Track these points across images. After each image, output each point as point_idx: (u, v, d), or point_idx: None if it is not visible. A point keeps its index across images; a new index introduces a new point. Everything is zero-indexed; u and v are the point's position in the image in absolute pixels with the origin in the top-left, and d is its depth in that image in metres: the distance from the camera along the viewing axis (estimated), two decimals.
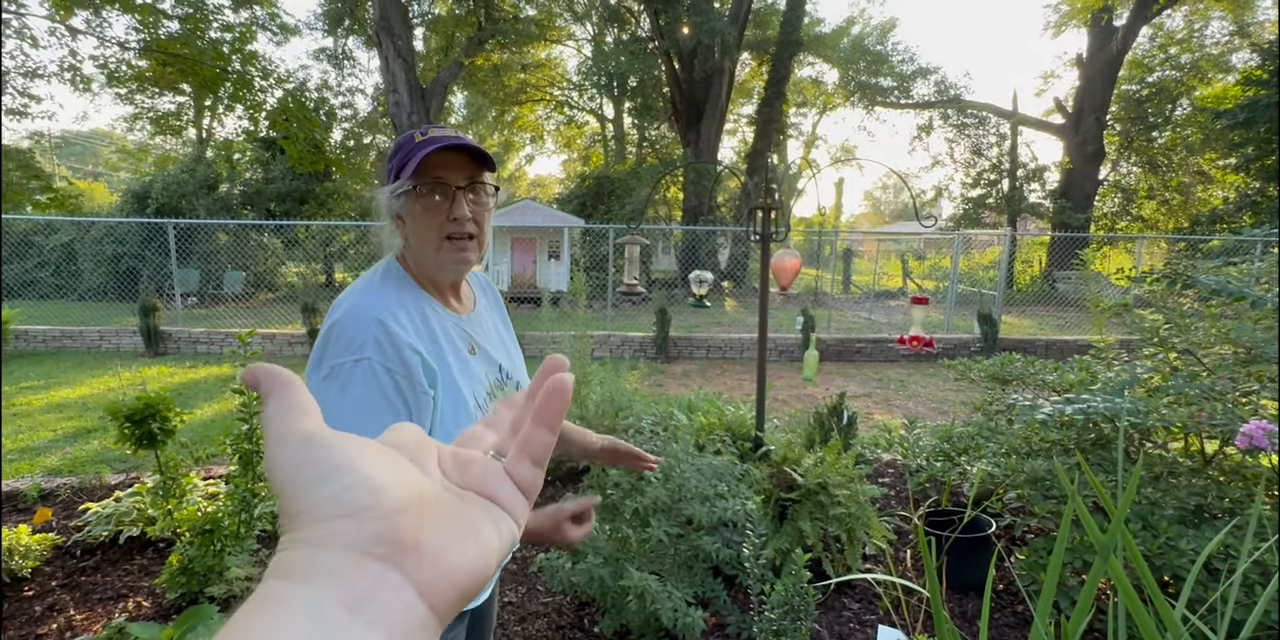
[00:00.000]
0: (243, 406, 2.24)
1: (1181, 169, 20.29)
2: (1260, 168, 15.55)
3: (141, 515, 2.62)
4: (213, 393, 5.83)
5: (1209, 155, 18.92)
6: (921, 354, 2.99)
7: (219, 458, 3.69)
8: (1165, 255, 16.09)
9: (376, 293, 0.96)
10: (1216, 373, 2.14)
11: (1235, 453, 2.33)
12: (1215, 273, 1.92)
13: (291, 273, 14.19)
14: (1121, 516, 1.26)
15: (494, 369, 1.08)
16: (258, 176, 15.50)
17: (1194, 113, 18.79)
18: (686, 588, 1.96)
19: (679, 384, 6.48)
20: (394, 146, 1.00)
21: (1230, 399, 2.00)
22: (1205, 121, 17.28)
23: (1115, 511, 1.35)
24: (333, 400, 0.88)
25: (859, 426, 3.11)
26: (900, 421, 5.21)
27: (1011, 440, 2.53)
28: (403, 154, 0.97)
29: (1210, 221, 16.90)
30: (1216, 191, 19.93)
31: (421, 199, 0.96)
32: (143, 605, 2.20)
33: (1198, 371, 2.10)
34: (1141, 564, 1.24)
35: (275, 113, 4.22)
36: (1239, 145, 15.74)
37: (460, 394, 0.96)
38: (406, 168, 0.93)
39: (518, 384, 1.12)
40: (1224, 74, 19.35)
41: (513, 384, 1.11)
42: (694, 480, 2.04)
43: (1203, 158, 19.36)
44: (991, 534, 2.42)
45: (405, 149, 0.97)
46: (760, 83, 20.82)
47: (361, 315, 0.90)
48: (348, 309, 0.92)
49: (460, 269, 1.02)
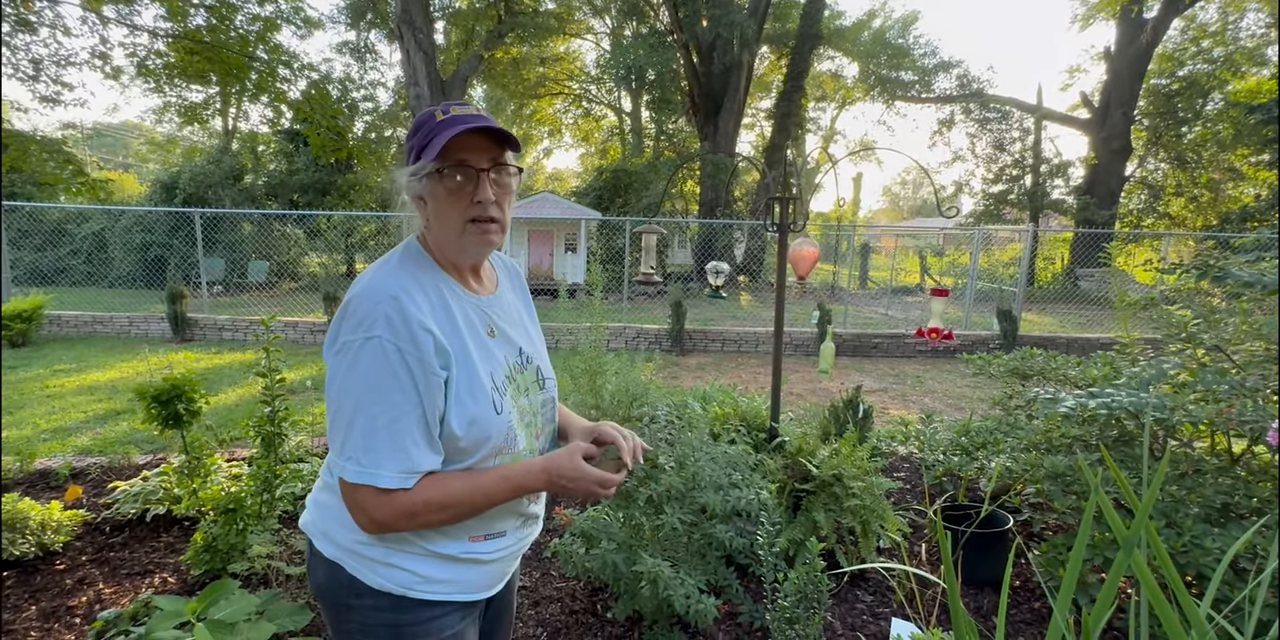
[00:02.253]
0: (266, 390, 2.28)
1: (1211, 165, 19.76)
2: None
3: (168, 494, 2.68)
4: (237, 378, 5.95)
5: (1241, 151, 18.40)
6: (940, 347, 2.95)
7: (242, 441, 3.77)
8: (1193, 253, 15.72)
9: (394, 272, 0.96)
10: (1246, 369, 2.10)
11: (1265, 451, 2.29)
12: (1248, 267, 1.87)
13: (314, 262, 14.38)
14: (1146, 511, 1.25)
15: (514, 351, 1.06)
16: (282, 168, 15.72)
17: (1226, 108, 18.26)
18: (699, 576, 1.97)
19: (694, 376, 6.48)
20: (414, 125, 0.99)
21: (1260, 396, 1.96)
22: (1238, 116, 16.81)
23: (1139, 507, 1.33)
24: (341, 375, 0.89)
25: (874, 421, 3.10)
26: (917, 416, 5.17)
27: (1030, 435, 2.50)
28: (424, 133, 0.95)
29: (1241, 219, 16.46)
30: (1248, 188, 19.39)
31: (444, 182, 0.95)
32: (168, 581, 2.26)
33: (1226, 368, 2.05)
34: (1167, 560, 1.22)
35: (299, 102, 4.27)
36: (1273, 140, 15.29)
37: (476, 374, 0.96)
38: (429, 148, 0.92)
39: (538, 369, 1.11)
40: (1259, 67, 18.78)
41: (533, 368, 1.10)
42: (708, 469, 2.04)
43: (1234, 154, 18.84)
44: (1009, 529, 2.40)
45: (426, 128, 0.95)
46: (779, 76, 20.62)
47: (376, 293, 0.90)
48: (364, 287, 0.93)
49: (483, 252, 1.02)
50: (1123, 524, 1.27)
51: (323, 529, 1.00)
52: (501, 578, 1.08)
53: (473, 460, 0.97)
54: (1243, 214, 16.67)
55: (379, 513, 0.89)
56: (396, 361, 0.87)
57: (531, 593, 2.33)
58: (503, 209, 1.00)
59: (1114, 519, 1.31)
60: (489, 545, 1.02)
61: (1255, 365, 2.13)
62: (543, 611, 2.22)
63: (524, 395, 1.06)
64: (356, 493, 0.88)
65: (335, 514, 0.97)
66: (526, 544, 1.12)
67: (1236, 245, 12.13)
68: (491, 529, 1.02)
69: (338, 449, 0.90)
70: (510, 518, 1.05)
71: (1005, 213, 19.19)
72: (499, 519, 1.03)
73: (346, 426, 0.88)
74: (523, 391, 1.06)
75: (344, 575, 0.97)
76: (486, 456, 0.98)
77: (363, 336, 0.87)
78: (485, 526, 1.01)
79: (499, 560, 1.05)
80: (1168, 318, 2.45)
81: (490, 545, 1.02)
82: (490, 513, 1.00)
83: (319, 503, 1.03)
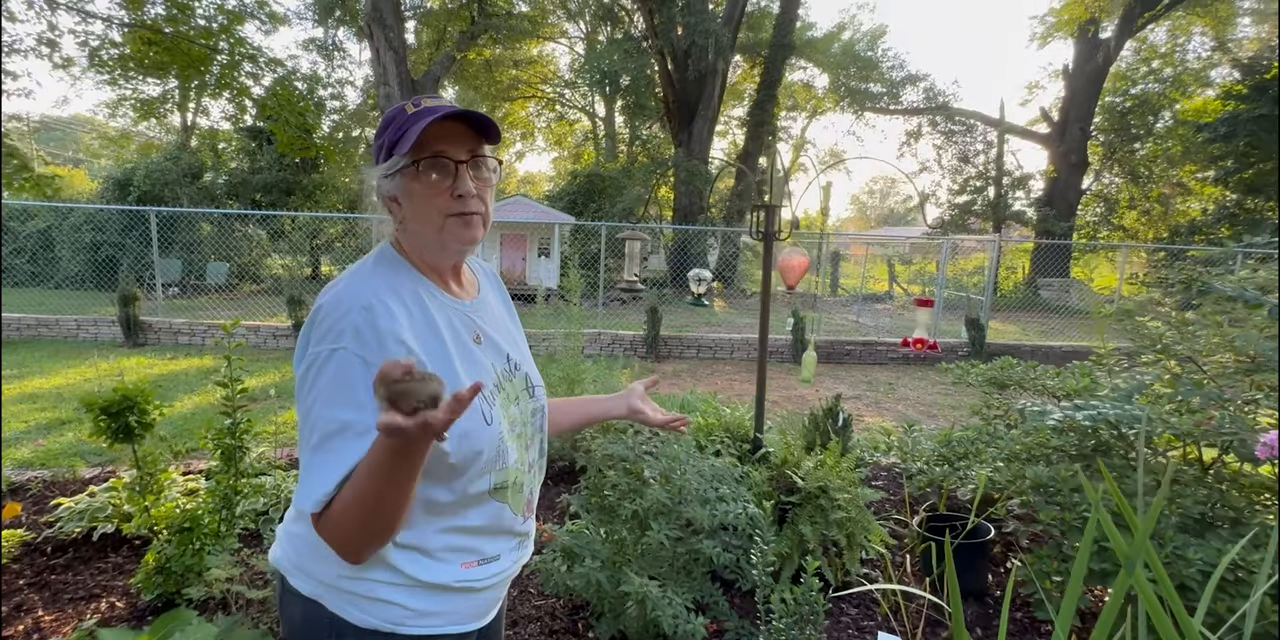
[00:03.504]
0: (226, 400, 2.15)
1: (1162, 180, 20.65)
2: (1239, 181, 15.85)
3: (117, 511, 2.51)
4: (193, 385, 5.69)
5: (1188, 167, 19.27)
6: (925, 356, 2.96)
7: (199, 453, 3.58)
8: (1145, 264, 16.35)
9: (367, 279, 0.89)
10: (1218, 381, 2.13)
11: (1234, 461, 2.33)
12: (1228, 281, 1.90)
13: (277, 265, 13.95)
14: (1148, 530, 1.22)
15: (501, 358, 1.00)
16: (243, 166, 15.25)
17: (1175, 125, 19.13)
18: (686, 593, 1.91)
19: (670, 383, 6.44)
20: (383, 120, 0.92)
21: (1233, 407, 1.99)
22: (1186, 134, 17.60)
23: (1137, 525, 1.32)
24: (305, 389, 0.82)
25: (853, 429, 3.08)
26: (891, 424, 5.21)
27: (1011, 445, 2.51)
28: (395, 128, 0.88)
29: (1189, 232, 17.20)
30: (1194, 203, 20.29)
31: (420, 177, 0.88)
32: (116, 606, 2.11)
33: (1200, 379, 2.09)
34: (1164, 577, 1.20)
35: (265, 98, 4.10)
36: (1219, 158, 16.03)
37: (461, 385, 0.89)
38: (401, 143, 0.86)
39: (526, 376, 1.05)
40: (1205, 88, 19.73)
41: (521, 375, 1.04)
42: (695, 482, 1.99)
43: (1182, 170, 19.71)
44: (990, 540, 2.40)
45: (397, 122, 0.89)
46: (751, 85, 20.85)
47: (346, 302, 0.83)
48: (334, 295, 0.85)
49: (466, 249, 0.95)
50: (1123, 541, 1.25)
51: (297, 563, 0.92)
52: (494, 605, 1.01)
53: (463, 479, 0.89)
54: (1191, 227, 17.42)
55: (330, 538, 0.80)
56: (359, 376, 0.79)
57: (509, 612, 2.23)
58: (484, 202, 0.93)
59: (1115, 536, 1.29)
60: (482, 571, 0.94)
61: (1227, 377, 2.17)
62: (521, 631, 2.13)
63: (514, 404, 0.99)
64: (315, 521, 0.80)
65: (311, 545, 0.88)
66: (519, 567, 1.04)
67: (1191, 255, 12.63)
68: (485, 553, 0.95)
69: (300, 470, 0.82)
70: (504, 538, 0.98)
71: (970, 223, 19.71)
72: (492, 541, 0.96)
73: (303, 443, 0.82)
74: (512, 400, 0.99)
75: (324, 614, 0.89)
76: (477, 473, 0.91)
77: (329, 348, 0.80)
78: (478, 551, 0.94)
79: (493, 587, 0.97)
80: (1139, 329, 2.49)
81: (484, 571, 0.95)
82: (483, 531, 0.93)
83: (292, 534, 0.94)
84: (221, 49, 4.44)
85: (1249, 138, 14.66)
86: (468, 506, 0.91)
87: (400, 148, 0.85)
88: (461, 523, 0.91)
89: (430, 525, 0.89)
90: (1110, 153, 20.52)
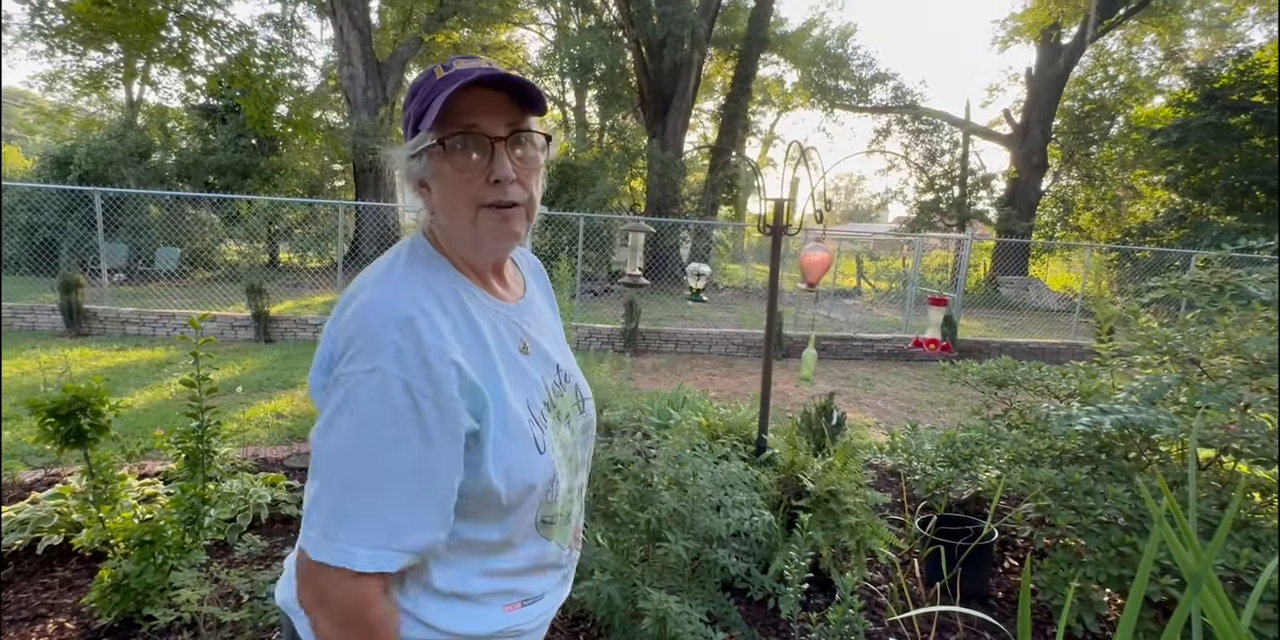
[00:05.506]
0: (193, 401, 1.95)
1: (1115, 183, 21.44)
2: (1187, 185, 16.54)
3: (64, 520, 2.28)
4: (145, 378, 5.33)
5: (1140, 171, 20.03)
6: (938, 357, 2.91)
7: (154, 452, 3.32)
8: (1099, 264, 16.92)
9: (402, 282, 0.73)
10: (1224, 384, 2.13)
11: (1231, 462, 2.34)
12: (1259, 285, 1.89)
13: (232, 251, 13.30)
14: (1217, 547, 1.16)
15: (551, 370, 0.86)
16: (195, 147, 14.44)
17: (1129, 131, 19.85)
18: (700, 605, 1.80)
19: (650, 378, 6.34)
20: (411, 87, 0.76)
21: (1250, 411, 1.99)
22: (1140, 139, 18.27)
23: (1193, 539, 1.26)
24: (328, 416, 0.67)
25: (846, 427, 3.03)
26: (873, 420, 5.21)
27: (1015, 447, 2.48)
28: (421, 97, 0.72)
29: (1141, 234, 17.90)
30: (1143, 206, 21.13)
31: (450, 157, 0.73)
32: (67, 628, 1.90)
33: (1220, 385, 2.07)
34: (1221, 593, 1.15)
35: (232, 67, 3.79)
36: (1169, 163, 16.69)
37: (512, 410, 0.75)
38: (427, 116, 0.70)
39: (576, 387, 0.91)
40: (1156, 95, 20.55)
41: (571, 388, 0.90)
42: (708, 489, 1.88)
43: (1134, 173, 20.49)
44: (993, 542, 2.36)
45: (425, 90, 0.72)
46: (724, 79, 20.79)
47: (380, 313, 0.68)
48: (364, 304, 0.70)
49: (504, 246, 0.80)
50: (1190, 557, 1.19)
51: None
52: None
53: (512, 519, 0.76)
54: (1142, 229, 18.13)
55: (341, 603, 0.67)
56: (403, 404, 0.66)
57: None
58: (528, 190, 0.77)
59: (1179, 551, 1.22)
60: (526, 613, 0.82)
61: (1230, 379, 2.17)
62: None
63: (564, 424, 0.86)
64: (318, 574, 0.66)
65: None
66: (557, 607, 0.91)
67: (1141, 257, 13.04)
68: (530, 593, 0.82)
69: (306, 512, 0.67)
70: (550, 575, 0.86)
71: (935, 221, 20.12)
72: (538, 578, 0.84)
73: (322, 485, 0.67)
74: (564, 420, 0.86)
75: None
76: (528, 509, 0.78)
77: (363, 369, 0.66)
78: (522, 591, 0.81)
79: (536, 629, 0.85)
80: (1144, 331, 2.49)
81: (528, 612, 0.82)
82: (528, 571, 0.81)
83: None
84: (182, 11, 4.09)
85: (1198, 144, 15.29)
86: (515, 547, 0.79)
87: (425, 122, 0.71)
88: (508, 564, 0.79)
89: (472, 567, 0.76)
90: (1069, 155, 21.19)
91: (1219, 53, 18.16)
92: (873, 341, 8.25)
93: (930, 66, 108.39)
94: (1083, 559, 2.00)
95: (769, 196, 2.39)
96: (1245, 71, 15.26)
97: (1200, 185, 16.10)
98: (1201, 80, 15.88)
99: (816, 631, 1.37)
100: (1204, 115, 14.99)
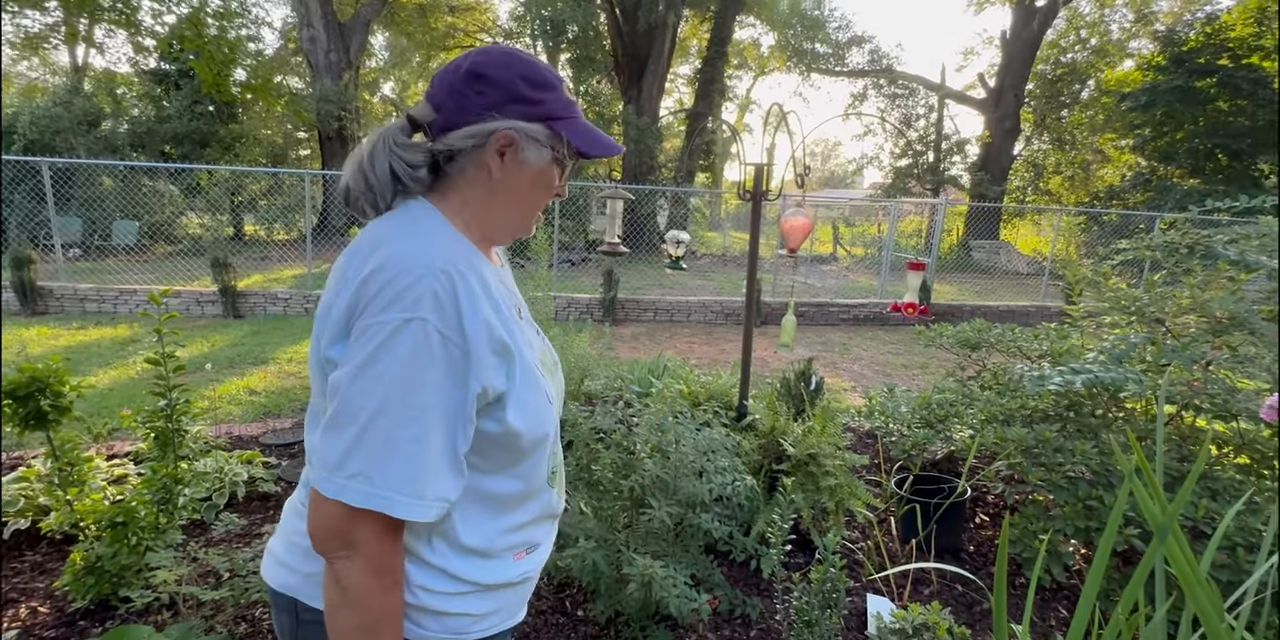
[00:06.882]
0: (159, 379, 1.88)
1: (1084, 147, 21.65)
2: (1154, 148, 16.77)
3: (30, 504, 2.22)
4: (109, 357, 5.17)
5: (1108, 135, 20.23)
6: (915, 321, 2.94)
7: (122, 432, 3.24)
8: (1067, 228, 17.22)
9: (431, 236, 0.75)
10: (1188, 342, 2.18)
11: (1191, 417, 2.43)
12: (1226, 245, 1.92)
13: (194, 224, 12.81)
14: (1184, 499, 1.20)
15: (533, 331, 0.90)
16: (148, 114, 13.76)
17: (1099, 94, 19.95)
18: (683, 569, 1.83)
19: (629, 347, 6.34)
20: (544, 76, 0.78)
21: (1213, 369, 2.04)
22: (1109, 103, 18.39)
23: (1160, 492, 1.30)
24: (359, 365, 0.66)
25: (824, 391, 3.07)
26: (849, 383, 5.30)
27: (988, 407, 2.53)
28: (562, 106, 0.79)
29: (1108, 197, 18.20)
30: (1111, 170, 21.43)
31: (560, 171, 0.83)
32: (40, 613, 1.86)
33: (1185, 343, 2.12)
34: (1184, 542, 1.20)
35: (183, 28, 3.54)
36: (1137, 126, 16.86)
37: (530, 368, 0.78)
38: (590, 140, 0.80)
39: (550, 348, 0.97)
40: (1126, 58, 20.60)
41: (549, 348, 0.95)
42: (690, 456, 1.90)
43: (1102, 138, 20.70)
44: (966, 500, 2.43)
45: (563, 101, 0.79)
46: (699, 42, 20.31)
47: (418, 263, 0.68)
48: (396, 254, 0.69)
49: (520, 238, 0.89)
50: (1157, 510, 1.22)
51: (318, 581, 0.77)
52: (530, 592, 0.94)
53: (527, 464, 0.80)
54: (1109, 193, 18.42)
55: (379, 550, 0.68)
56: (440, 355, 0.67)
57: None
58: None
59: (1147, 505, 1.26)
60: (531, 560, 0.87)
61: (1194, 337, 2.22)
62: None
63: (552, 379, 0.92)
64: (357, 520, 0.67)
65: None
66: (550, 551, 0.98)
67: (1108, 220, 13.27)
68: (532, 541, 0.87)
69: (336, 461, 0.66)
70: (547, 523, 0.91)
71: (910, 186, 20.19)
72: (537, 527, 0.88)
73: (360, 431, 0.66)
74: (551, 374, 0.91)
75: None
76: (541, 458, 0.83)
77: (400, 317, 0.65)
78: (526, 540, 0.86)
79: (537, 574, 0.91)
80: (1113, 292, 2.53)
81: (532, 560, 0.88)
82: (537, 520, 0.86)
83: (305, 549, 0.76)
84: None
85: (1165, 108, 15.44)
86: (531, 498, 0.83)
87: (585, 143, 0.80)
88: (526, 517, 0.84)
89: (496, 525, 0.80)
90: (1041, 120, 21.29)
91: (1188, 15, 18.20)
92: (849, 307, 8.34)
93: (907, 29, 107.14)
94: (1051, 513, 2.07)
95: (748, 162, 2.34)
96: (1213, 34, 15.35)
97: (1166, 148, 16.34)
98: (1170, 43, 15.96)
99: (798, 590, 1.40)
100: (1172, 79, 15.10)
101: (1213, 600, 1.12)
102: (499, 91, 0.75)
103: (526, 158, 0.78)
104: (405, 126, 0.78)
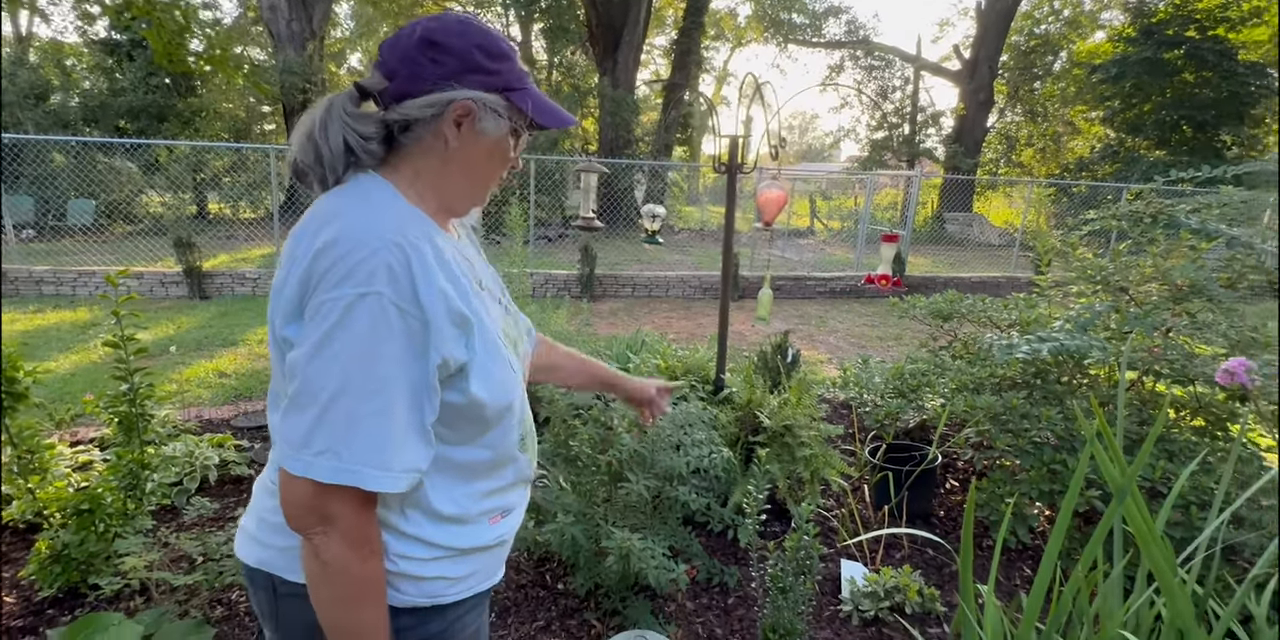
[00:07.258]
0: (120, 363, 1.83)
1: (1056, 119, 21.83)
2: (1123, 120, 16.97)
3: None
4: (69, 342, 5.02)
5: (1079, 107, 20.40)
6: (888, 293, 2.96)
7: (86, 418, 3.16)
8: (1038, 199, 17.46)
9: (381, 208, 0.73)
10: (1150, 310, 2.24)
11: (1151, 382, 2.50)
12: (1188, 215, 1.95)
13: (155, 202, 12.35)
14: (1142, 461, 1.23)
15: (495, 302, 0.88)
16: (100, 87, 13.12)
17: (1070, 66, 20.05)
18: (662, 541, 1.86)
19: (608, 323, 6.33)
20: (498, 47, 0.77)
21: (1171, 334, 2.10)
22: (1080, 75, 18.50)
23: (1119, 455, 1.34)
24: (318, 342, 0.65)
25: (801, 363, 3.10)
26: (825, 355, 5.37)
27: (959, 376, 2.58)
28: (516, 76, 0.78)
29: (1078, 169, 18.45)
30: (1080, 142, 21.67)
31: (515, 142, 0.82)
32: (5, 602, 1.83)
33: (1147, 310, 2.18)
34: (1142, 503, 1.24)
35: None
36: (1107, 98, 17.01)
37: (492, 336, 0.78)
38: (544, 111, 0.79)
39: (518, 318, 0.96)
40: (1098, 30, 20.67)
41: (514, 314, 0.95)
42: (667, 429, 1.91)
43: (1073, 109, 20.87)
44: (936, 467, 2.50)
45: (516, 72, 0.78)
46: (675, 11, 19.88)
47: (368, 238, 0.67)
48: (347, 228, 0.68)
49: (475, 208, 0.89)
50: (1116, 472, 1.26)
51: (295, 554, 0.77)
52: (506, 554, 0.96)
53: (494, 433, 0.81)
54: (1079, 165, 18.66)
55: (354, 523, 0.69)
56: (399, 328, 0.66)
57: None
58: None
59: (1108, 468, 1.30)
60: (506, 524, 0.88)
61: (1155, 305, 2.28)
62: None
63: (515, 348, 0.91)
64: (327, 496, 0.67)
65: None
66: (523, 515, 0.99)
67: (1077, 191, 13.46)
68: (506, 505, 0.88)
69: (301, 439, 0.66)
70: (520, 488, 0.92)
71: (886, 159, 20.23)
72: (511, 492, 0.89)
73: (321, 409, 0.65)
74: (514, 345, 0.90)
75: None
76: (509, 427, 0.83)
77: (355, 292, 0.65)
78: (500, 504, 0.87)
79: (511, 538, 0.92)
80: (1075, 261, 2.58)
81: (507, 524, 0.89)
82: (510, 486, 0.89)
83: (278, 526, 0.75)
84: None
85: (1134, 80, 15.59)
86: (503, 465, 0.84)
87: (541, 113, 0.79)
88: (499, 484, 0.85)
89: (468, 491, 0.81)
90: (1014, 91, 21.37)
91: None
92: (825, 280, 8.40)
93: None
94: (1017, 477, 2.14)
95: (724, 133, 2.31)
96: (1181, 5, 15.44)
97: (1134, 120, 16.54)
98: (1141, 14, 16.03)
99: (774, 558, 1.43)
100: (1141, 50, 15.21)
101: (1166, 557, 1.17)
102: (456, 60, 0.74)
103: (484, 128, 0.76)
104: (354, 95, 0.76)
